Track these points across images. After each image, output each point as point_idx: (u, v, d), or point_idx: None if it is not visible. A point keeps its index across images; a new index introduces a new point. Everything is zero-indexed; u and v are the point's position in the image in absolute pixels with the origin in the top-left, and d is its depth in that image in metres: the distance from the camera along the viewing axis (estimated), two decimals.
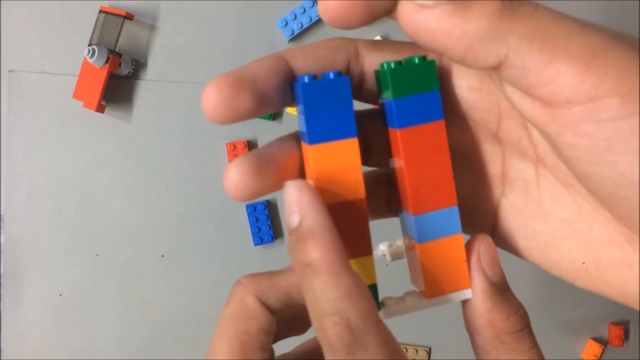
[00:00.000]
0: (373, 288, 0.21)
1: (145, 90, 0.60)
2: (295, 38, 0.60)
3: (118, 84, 0.60)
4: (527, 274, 0.64)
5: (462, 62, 0.18)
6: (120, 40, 0.57)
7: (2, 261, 0.61)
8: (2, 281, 0.61)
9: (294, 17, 0.59)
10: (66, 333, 0.62)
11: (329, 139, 0.19)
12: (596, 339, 0.64)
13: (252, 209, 0.60)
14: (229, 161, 0.60)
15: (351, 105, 0.19)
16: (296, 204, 0.18)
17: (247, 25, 0.60)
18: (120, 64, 0.57)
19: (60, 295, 0.61)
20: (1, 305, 0.61)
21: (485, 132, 0.21)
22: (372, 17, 0.18)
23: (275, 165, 0.19)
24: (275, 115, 0.61)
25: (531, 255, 0.22)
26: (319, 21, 0.60)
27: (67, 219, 0.61)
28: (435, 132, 0.20)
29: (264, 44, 0.60)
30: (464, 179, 0.22)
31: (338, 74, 0.19)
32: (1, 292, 0.61)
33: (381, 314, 0.21)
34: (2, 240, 0.61)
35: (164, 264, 0.62)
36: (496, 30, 0.17)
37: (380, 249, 0.23)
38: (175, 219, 0.61)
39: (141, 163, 0.61)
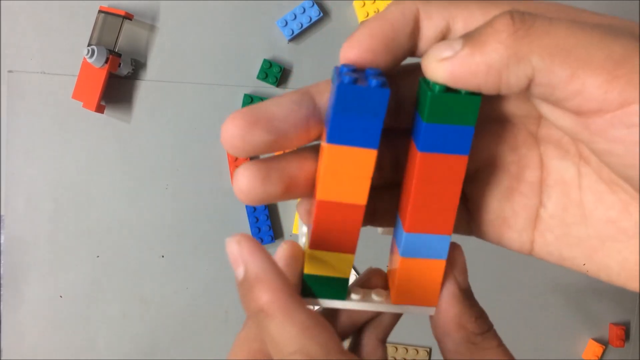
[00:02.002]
0: (344, 282, 0.21)
1: (144, 90, 0.60)
2: (295, 38, 0.60)
3: (117, 84, 0.59)
4: (527, 274, 0.64)
5: (500, 93, 0.18)
6: (120, 40, 0.57)
7: (2, 261, 0.61)
8: (2, 281, 0.61)
9: (293, 17, 0.59)
10: (66, 333, 0.62)
11: (349, 142, 0.19)
12: (597, 339, 0.64)
13: (252, 209, 0.60)
14: (229, 161, 0.60)
15: (382, 117, 0.19)
16: (239, 257, 0.19)
17: (247, 25, 0.60)
18: (120, 64, 0.57)
19: (61, 296, 0.61)
20: (1, 305, 0.61)
21: (524, 135, 0.21)
22: (392, 61, 0.19)
23: (285, 174, 0.20)
24: None
25: (576, 264, 0.21)
26: (318, 21, 0.60)
27: (67, 219, 0.61)
28: (455, 164, 0.20)
29: (263, 43, 0.60)
30: (499, 190, 0.22)
31: (380, 83, 0.18)
32: (1, 292, 0.61)
33: (343, 304, 0.21)
34: (2, 241, 0.61)
35: (163, 264, 0.62)
36: (516, 54, 0.17)
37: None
38: (175, 219, 0.61)
39: (141, 163, 0.61)
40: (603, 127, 0.17)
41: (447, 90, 0.19)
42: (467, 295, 0.22)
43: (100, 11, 0.57)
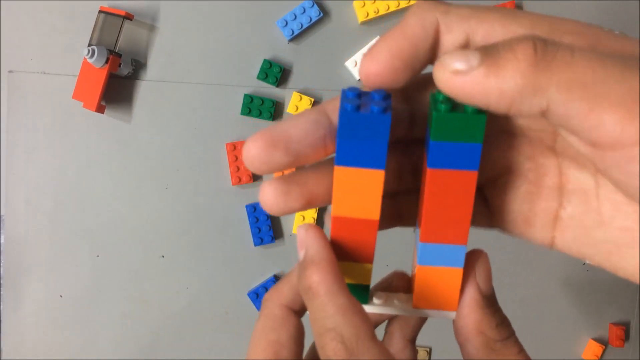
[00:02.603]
0: (366, 288, 0.22)
1: (145, 90, 0.60)
2: (295, 38, 0.60)
3: (118, 85, 0.60)
4: (528, 274, 0.64)
5: (507, 114, 0.18)
6: (120, 40, 0.57)
7: (2, 261, 0.61)
8: (2, 281, 0.61)
9: (293, 17, 0.59)
10: (66, 333, 0.62)
11: (356, 164, 0.20)
12: (597, 339, 0.64)
13: (252, 209, 0.60)
14: (229, 161, 0.60)
15: (386, 139, 0.19)
16: (303, 241, 0.21)
17: (247, 25, 0.60)
18: (120, 64, 0.57)
19: (61, 296, 0.61)
20: (1, 306, 0.61)
21: (540, 147, 0.22)
22: (412, 75, 0.20)
23: (305, 189, 0.21)
24: (275, 116, 0.61)
25: (596, 261, 0.22)
26: (318, 21, 0.60)
27: (66, 219, 0.61)
28: (465, 179, 0.20)
29: (263, 44, 0.60)
30: (518, 195, 0.22)
31: (382, 109, 0.19)
32: (1, 292, 0.61)
33: (366, 308, 0.22)
34: (2, 241, 0.61)
35: (164, 264, 0.62)
36: (533, 85, 0.17)
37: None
38: (175, 219, 0.61)
39: (141, 163, 0.61)
40: (618, 161, 0.17)
41: (453, 108, 0.19)
42: (489, 302, 0.22)
43: (100, 11, 0.57)
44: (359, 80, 0.61)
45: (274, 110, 0.60)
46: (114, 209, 0.61)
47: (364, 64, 0.20)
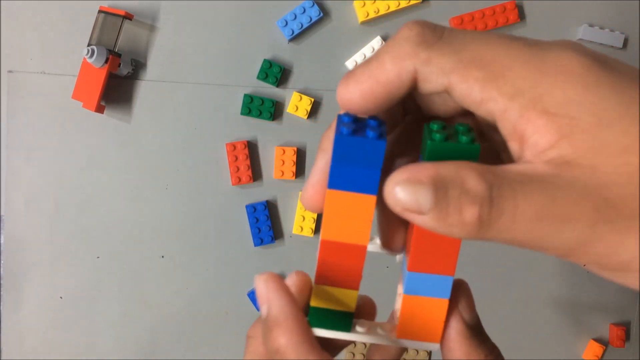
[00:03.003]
0: (349, 315, 0.22)
1: (144, 90, 0.60)
2: (295, 38, 0.60)
3: (117, 84, 0.59)
4: (528, 274, 0.64)
5: None
6: (120, 40, 0.57)
7: (2, 262, 0.61)
8: (2, 282, 0.61)
9: (293, 17, 0.59)
10: (66, 333, 0.62)
11: (348, 188, 0.20)
12: (597, 340, 0.64)
13: (252, 210, 0.60)
14: (229, 161, 0.60)
15: (379, 166, 0.20)
16: (264, 295, 0.21)
17: (246, 25, 0.60)
18: (120, 64, 0.57)
19: (61, 297, 0.61)
20: (1, 306, 0.61)
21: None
22: (385, 108, 0.20)
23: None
24: (275, 116, 0.61)
25: None
26: (318, 21, 0.60)
27: (67, 219, 0.61)
28: None
29: (264, 44, 0.60)
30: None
31: (377, 135, 0.19)
32: (1, 292, 0.61)
33: (348, 335, 0.22)
34: (2, 241, 0.61)
35: (164, 264, 0.62)
36: (477, 235, 0.18)
37: (377, 242, 0.24)
38: (175, 219, 0.61)
39: (141, 164, 0.61)
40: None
41: (448, 138, 0.19)
42: (475, 331, 0.22)
43: (100, 11, 0.57)
44: None
45: (274, 110, 0.60)
46: (113, 209, 0.61)
47: (339, 91, 0.20)
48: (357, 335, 0.22)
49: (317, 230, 0.62)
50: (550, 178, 0.17)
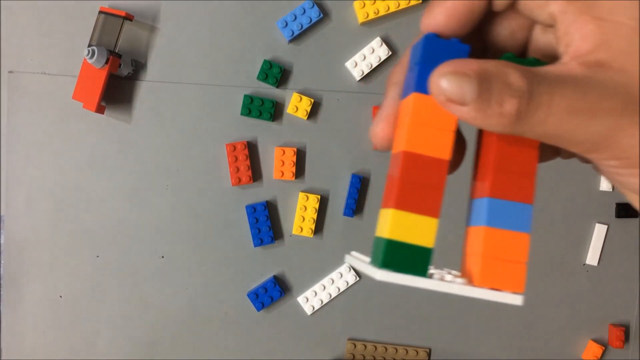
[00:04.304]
0: (427, 253, 0.19)
1: (145, 91, 0.60)
2: (295, 39, 0.60)
3: (118, 85, 0.60)
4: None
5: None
6: (120, 41, 0.57)
7: (2, 261, 0.61)
8: (2, 281, 0.61)
9: (293, 17, 0.59)
10: (66, 333, 0.62)
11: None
12: (596, 340, 0.64)
13: (252, 210, 0.60)
14: (229, 162, 0.60)
15: None
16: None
17: (246, 26, 0.60)
18: (120, 64, 0.57)
19: (61, 296, 0.61)
20: (1, 306, 0.61)
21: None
22: (469, 30, 0.21)
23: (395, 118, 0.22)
24: (275, 117, 0.61)
25: None
26: (318, 22, 0.60)
27: (67, 219, 0.61)
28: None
29: (264, 44, 0.60)
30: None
31: (460, 40, 0.20)
32: (1, 292, 0.61)
33: (424, 282, 0.19)
34: (2, 241, 0.61)
35: (163, 264, 0.62)
36: (516, 131, 0.19)
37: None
38: (175, 219, 0.61)
39: (141, 164, 0.61)
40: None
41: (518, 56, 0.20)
42: None
43: (100, 12, 0.57)
44: (359, 81, 0.61)
45: (274, 111, 0.60)
46: (114, 210, 0.61)
47: (423, 20, 0.21)
48: (434, 283, 0.19)
49: (316, 230, 0.62)
50: (583, 78, 0.19)
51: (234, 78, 0.60)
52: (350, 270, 0.62)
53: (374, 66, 0.60)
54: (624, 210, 0.63)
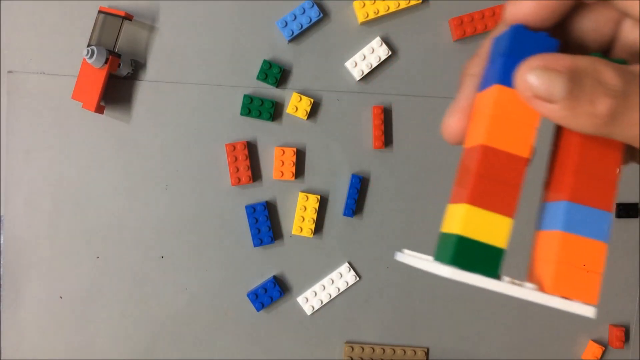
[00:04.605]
0: (499, 253, 0.19)
1: (144, 91, 0.60)
2: (295, 39, 0.60)
3: (117, 85, 0.59)
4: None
5: None
6: (120, 40, 0.57)
7: (2, 262, 0.61)
8: (2, 282, 0.61)
9: (293, 17, 0.59)
10: (66, 333, 0.62)
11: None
12: (596, 341, 0.64)
13: (251, 210, 0.60)
14: (229, 162, 0.60)
15: None
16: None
17: (246, 26, 0.60)
18: (120, 64, 0.57)
19: (61, 297, 0.61)
20: (1, 306, 0.61)
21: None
22: (558, 19, 0.20)
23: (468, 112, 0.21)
24: (275, 117, 0.61)
25: None
26: (318, 22, 0.60)
27: (66, 219, 0.61)
28: None
29: (263, 44, 0.60)
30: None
31: (548, 34, 0.19)
32: (1, 292, 0.61)
33: (494, 284, 0.18)
34: (2, 241, 0.61)
35: (163, 264, 0.62)
36: (604, 133, 0.18)
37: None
38: (174, 219, 0.61)
39: (140, 164, 0.61)
40: None
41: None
42: None
43: (100, 12, 0.57)
44: (358, 81, 0.61)
45: (273, 111, 0.60)
46: (113, 210, 0.61)
47: (509, 8, 0.20)
48: (505, 286, 0.18)
49: (316, 230, 0.62)
50: None
51: (233, 78, 0.60)
52: (350, 270, 0.62)
53: (373, 66, 0.60)
54: (624, 211, 0.63)
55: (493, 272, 0.18)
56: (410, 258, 0.20)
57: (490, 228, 0.18)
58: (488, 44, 0.21)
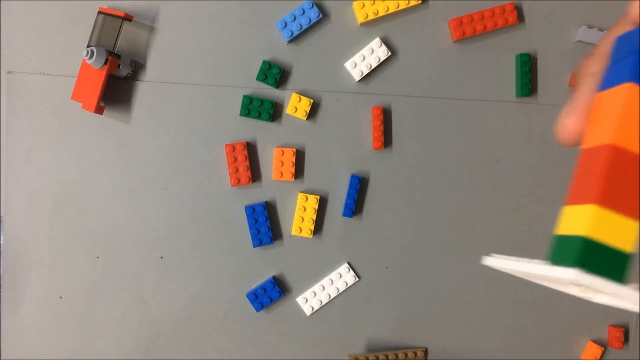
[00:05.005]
0: (626, 258, 0.18)
1: (144, 91, 0.60)
2: (294, 39, 0.60)
3: (117, 85, 0.60)
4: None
5: None
6: (119, 41, 0.57)
7: (2, 262, 0.61)
8: (2, 282, 0.61)
9: (293, 18, 0.59)
10: (66, 333, 0.62)
11: None
12: (596, 341, 0.64)
13: (251, 211, 0.60)
14: (228, 162, 0.60)
15: None
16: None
17: (246, 26, 0.60)
18: (119, 65, 0.57)
19: (61, 297, 0.62)
20: (1, 306, 0.61)
21: None
22: None
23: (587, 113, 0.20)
24: (274, 117, 0.61)
25: None
26: (318, 22, 0.60)
27: (66, 219, 0.61)
28: None
29: (263, 45, 0.60)
30: None
31: None
32: (1, 292, 0.61)
33: (621, 290, 0.17)
34: (2, 241, 0.61)
35: (163, 265, 0.62)
36: None
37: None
38: (174, 220, 0.61)
39: (140, 164, 0.61)
40: None
41: None
42: None
43: (99, 12, 0.57)
44: (358, 81, 0.61)
45: (273, 112, 0.60)
46: (113, 210, 0.61)
47: (638, 8, 0.19)
48: (632, 293, 0.17)
49: (316, 231, 0.62)
50: None
51: (233, 78, 0.60)
52: (349, 270, 0.62)
53: (373, 67, 0.60)
54: None
55: (619, 277, 0.18)
56: (505, 262, 0.19)
57: (618, 231, 0.18)
58: (609, 44, 0.20)
